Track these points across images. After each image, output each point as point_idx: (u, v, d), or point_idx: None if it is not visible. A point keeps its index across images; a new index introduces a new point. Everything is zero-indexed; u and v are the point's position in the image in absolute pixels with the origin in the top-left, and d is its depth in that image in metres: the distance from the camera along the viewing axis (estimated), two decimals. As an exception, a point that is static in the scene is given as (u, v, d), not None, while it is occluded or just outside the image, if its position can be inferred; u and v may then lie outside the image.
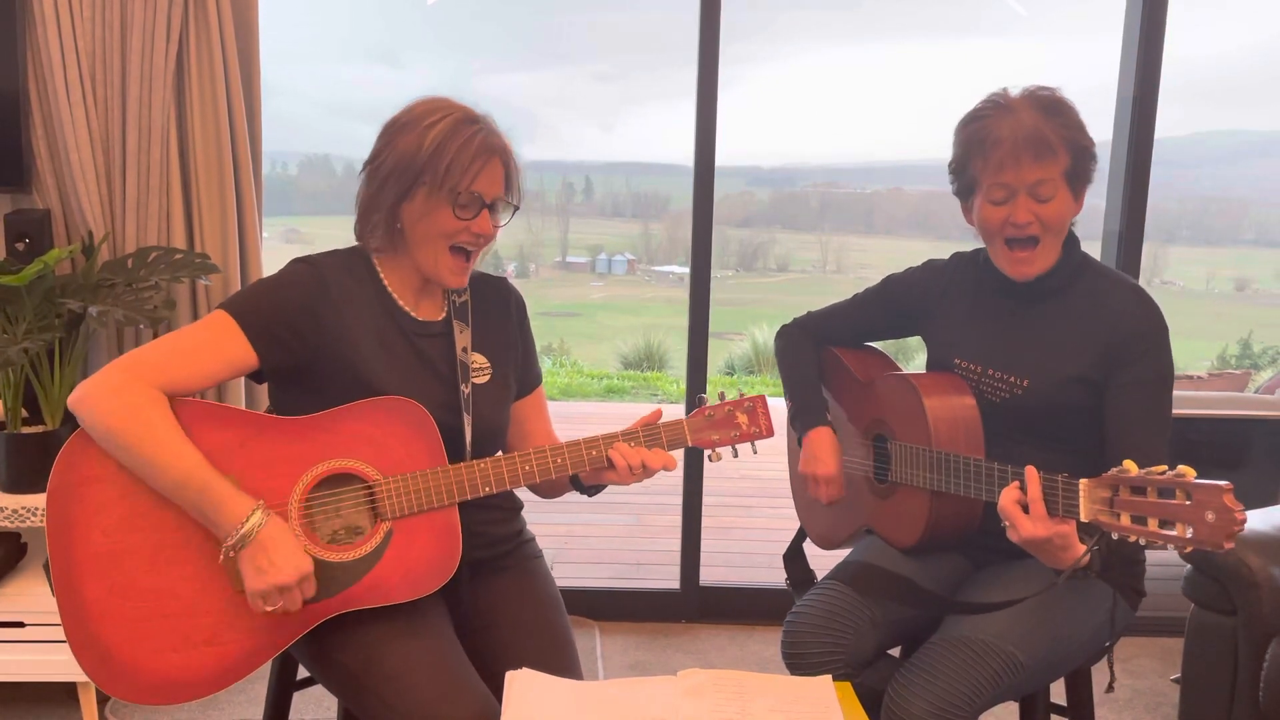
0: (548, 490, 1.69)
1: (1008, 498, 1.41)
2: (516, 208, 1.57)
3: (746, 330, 12.58)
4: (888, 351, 1.95)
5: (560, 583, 1.71)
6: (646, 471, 1.54)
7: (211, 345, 1.46)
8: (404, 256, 1.55)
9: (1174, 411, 1.59)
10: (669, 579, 3.29)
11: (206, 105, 2.55)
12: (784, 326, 1.96)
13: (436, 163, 1.46)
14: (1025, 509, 1.40)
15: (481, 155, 1.48)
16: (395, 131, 1.50)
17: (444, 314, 1.60)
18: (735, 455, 1.63)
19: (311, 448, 1.46)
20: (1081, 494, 1.35)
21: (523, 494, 1.75)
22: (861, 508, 1.83)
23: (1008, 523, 1.41)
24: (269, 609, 1.39)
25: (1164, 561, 3.06)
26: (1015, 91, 1.59)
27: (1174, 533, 1.26)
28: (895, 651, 1.80)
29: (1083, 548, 1.41)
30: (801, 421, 1.84)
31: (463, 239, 1.51)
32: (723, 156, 2.89)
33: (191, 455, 1.38)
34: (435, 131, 1.47)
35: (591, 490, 1.62)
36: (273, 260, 1.58)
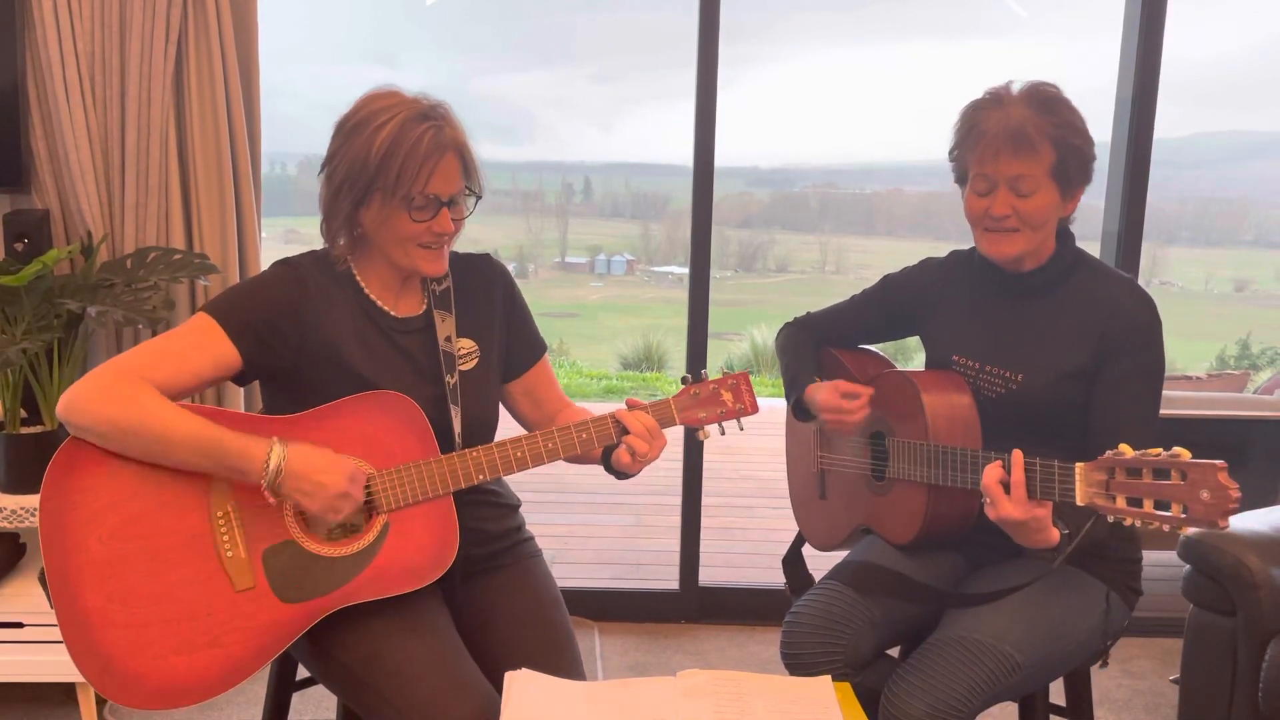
0: (579, 458, 1.67)
1: (990, 475, 1.43)
2: (479, 196, 1.53)
3: (746, 331, 12.58)
4: (887, 353, 1.95)
5: (560, 583, 1.71)
6: (656, 437, 1.53)
7: (194, 347, 1.46)
8: (376, 256, 1.54)
9: (1174, 412, 1.60)
10: (669, 579, 3.28)
11: (206, 106, 2.54)
12: (785, 324, 1.96)
13: (386, 169, 1.42)
14: (1007, 489, 1.41)
15: (432, 155, 1.43)
16: (346, 134, 1.46)
17: (424, 307, 1.59)
18: (723, 433, 1.63)
19: None
20: (1077, 478, 1.36)
21: (523, 494, 1.75)
22: (858, 506, 1.83)
23: (987, 499, 1.43)
24: (336, 521, 1.42)
25: (1163, 562, 3.06)
26: (1017, 86, 1.60)
27: (1169, 513, 1.26)
28: (895, 652, 1.81)
29: (1057, 532, 1.44)
30: (797, 388, 1.82)
31: (425, 239, 1.49)
32: (722, 157, 2.90)
33: (195, 419, 1.39)
34: (383, 135, 1.42)
35: (621, 474, 1.59)
36: (272, 260, 1.57)
